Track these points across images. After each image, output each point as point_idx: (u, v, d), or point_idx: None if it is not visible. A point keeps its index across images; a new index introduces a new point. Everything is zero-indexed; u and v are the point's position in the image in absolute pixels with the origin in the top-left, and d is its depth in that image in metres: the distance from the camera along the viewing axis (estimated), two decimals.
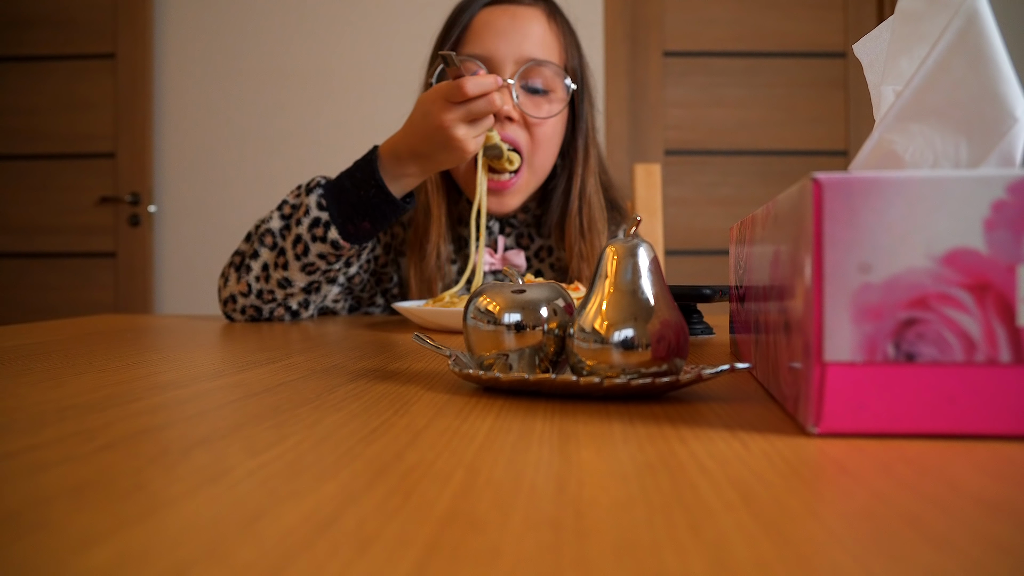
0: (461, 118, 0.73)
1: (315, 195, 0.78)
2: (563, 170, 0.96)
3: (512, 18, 0.87)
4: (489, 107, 0.72)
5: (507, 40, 0.86)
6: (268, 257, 0.80)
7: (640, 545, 0.16)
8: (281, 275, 0.80)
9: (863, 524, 0.17)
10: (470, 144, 0.74)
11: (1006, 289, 0.25)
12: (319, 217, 0.77)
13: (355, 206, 0.78)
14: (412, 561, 0.15)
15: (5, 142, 2.24)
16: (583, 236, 0.93)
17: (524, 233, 0.98)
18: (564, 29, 0.92)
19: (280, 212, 0.81)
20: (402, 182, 0.79)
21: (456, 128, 0.73)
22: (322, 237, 0.77)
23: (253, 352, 0.52)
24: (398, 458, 0.23)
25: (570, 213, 0.93)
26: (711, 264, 2.20)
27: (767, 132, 2.20)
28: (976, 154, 0.29)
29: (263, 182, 2.20)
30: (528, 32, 0.87)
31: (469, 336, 0.37)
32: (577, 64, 0.92)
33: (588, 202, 0.93)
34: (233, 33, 2.22)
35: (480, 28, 0.87)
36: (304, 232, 0.78)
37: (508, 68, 0.86)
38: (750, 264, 0.40)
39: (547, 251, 0.98)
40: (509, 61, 0.86)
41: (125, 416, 0.30)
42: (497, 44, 0.86)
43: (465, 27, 0.88)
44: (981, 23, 0.28)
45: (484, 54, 0.87)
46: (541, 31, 0.88)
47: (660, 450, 0.24)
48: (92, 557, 0.15)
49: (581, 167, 0.94)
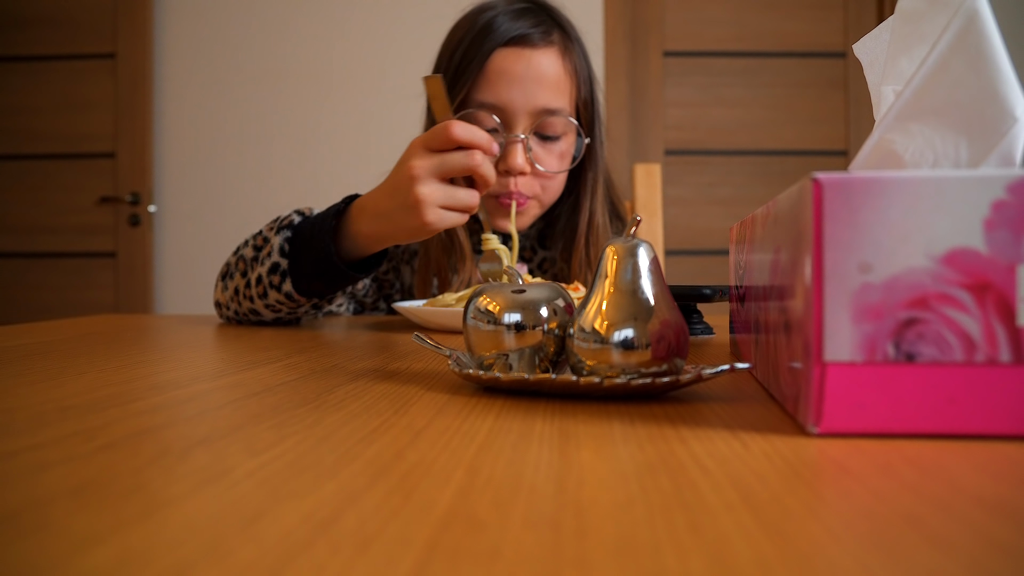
0: (431, 171, 0.61)
1: (281, 237, 0.72)
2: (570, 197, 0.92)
3: (527, 64, 0.82)
4: (466, 163, 0.61)
5: (522, 89, 0.81)
6: (239, 283, 0.76)
7: (640, 545, 0.16)
8: (250, 305, 0.75)
9: (863, 524, 0.17)
10: (429, 212, 0.61)
11: (1006, 289, 0.25)
12: (278, 263, 0.71)
13: (309, 263, 0.69)
14: (412, 561, 0.15)
15: (5, 142, 2.24)
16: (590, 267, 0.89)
17: (526, 246, 0.97)
18: (577, 61, 0.87)
19: (254, 241, 0.75)
20: (357, 243, 0.69)
21: (422, 183, 0.61)
22: (277, 286, 0.71)
23: (253, 352, 0.52)
24: (398, 458, 0.23)
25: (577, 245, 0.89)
26: (711, 264, 2.20)
27: (767, 132, 2.20)
28: (976, 154, 0.29)
29: (263, 182, 2.20)
30: (543, 79, 0.82)
31: (469, 336, 0.37)
32: (588, 93, 0.89)
33: (595, 232, 0.90)
34: (233, 33, 2.22)
35: (494, 76, 0.81)
36: (264, 274, 0.72)
37: (522, 121, 0.82)
38: (750, 264, 0.40)
39: (550, 262, 0.96)
40: (523, 113, 0.82)
41: (125, 416, 0.30)
42: (512, 95, 0.81)
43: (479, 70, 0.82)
44: (981, 23, 0.28)
45: (498, 103, 0.82)
46: (556, 75, 0.83)
47: (660, 450, 0.24)
48: (92, 557, 0.15)
49: (589, 199, 0.90)
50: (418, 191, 0.61)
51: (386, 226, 0.66)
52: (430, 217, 0.61)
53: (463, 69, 0.82)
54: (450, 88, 0.82)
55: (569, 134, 0.86)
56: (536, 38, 0.83)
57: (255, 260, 0.74)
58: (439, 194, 0.62)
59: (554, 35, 0.85)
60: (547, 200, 0.88)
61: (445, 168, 0.61)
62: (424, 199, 0.61)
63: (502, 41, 0.82)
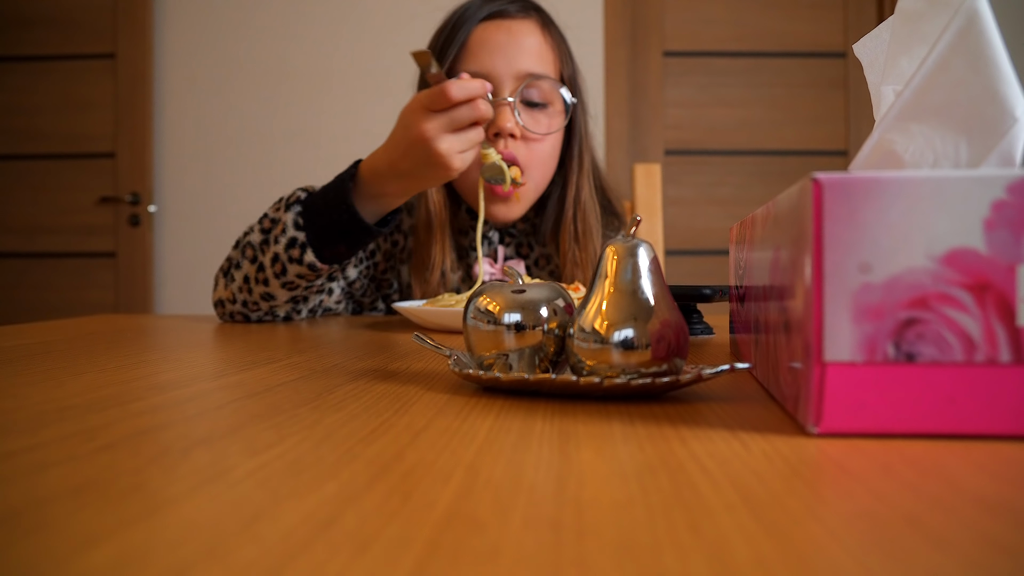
0: (443, 128, 0.67)
1: (293, 212, 0.75)
2: (558, 176, 0.95)
3: (508, 33, 0.86)
4: (474, 114, 0.67)
5: (505, 56, 0.85)
6: (249, 270, 0.78)
7: (640, 545, 0.16)
8: (263, 289, 0.78)
9: (863, 524, 0.17)
10: (455, 160, 0.69)
11: (1006, 289, 0.25)
12: (295, 237, 0.74)
13: (328, 228, 0.74)
14: (412, 561, 0.15)
15: (5, 142, 2.24)
16: (577, 242, 0.92)
17: (523, 243, 0.98)
18: (557, 39, 0.91)
19: (260, 226, 0.78)
20: (381, 202, 0.75)
21: (439, 141, 0.67)
22: (298, 259, 0.74)
23: (253, 352, 0.52)
24: (398, 458, 0.23)
25: (565, 219, 0.93)
26: (711, 264, 2.20)
27: (767, 132, 2.20)
28: (976, 154, 0.29)
29: (263, 182, 2.20)
30: (524, 46, 0.86)
31: (469, 336, 0.37)
32: (571, 73, 0.92)
33: (583, 208, 0.93)
34: (233, 33, 2.22)
35: (477, 46, 0.86)
36: (281, 251, 0.75)
37: (508, 84, 0.86)
38: (750, 264, 0.40)
39: (546, 259, 0.98)
40: (508, 77, 0.85)
41: (125, 416, 0.30)
42: (495, 61, 0.85)
43: (462, 45, 0.87)
44: (981, 23, 0.28)
45: (483, 71, 0.85)
46: (537, 44, 0.88)
47: (660, 450, 0.24)
48: (92, 557, 0.15)
49: (576, 174, 0.93)
50: (438, 148, 0.68)
51: (412, 182, 0.72)
52: (456, 164, 0.69)
53: (447, 49, 0.87)
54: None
55: (556, 103, 0.89)
56: (514, 11, 0.88)
57: (265, 243, 0.77)
58: (456, 144, 0.68)
59: (532, 13, 0.90)
60: (539, 176, 0.90)
61: (455, 124, 0.68)
62: (446, 153, 0.68)
63: (482, 16, 0.87)
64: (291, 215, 0.75)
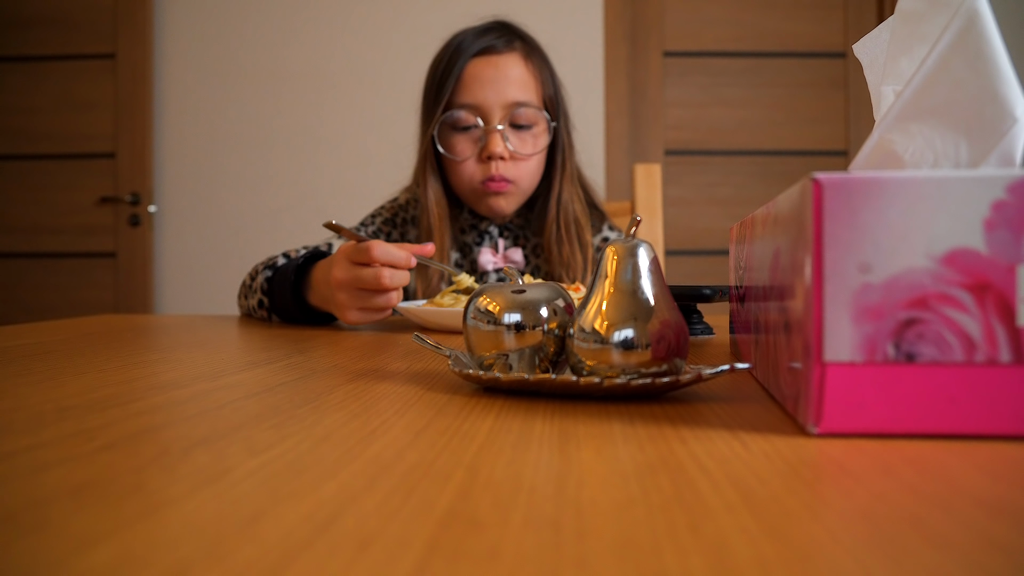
0: (350, 282, 0.71)
1: (263, 277, 0.86)
2: (544, 179, 1.05)
3: (496, 68, 0.98)
4: (375, 282, 0.70)
5: (494, 89, 0.98)
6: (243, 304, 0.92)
7: (640, 545, 0.16)
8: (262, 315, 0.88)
9: (863, 524, 0.17)
10: (348, 313, 0.73)
11: (1006, 289, 0.25)
12: (262, 300, 0.86)
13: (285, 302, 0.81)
14: (412, 561, 0.15)
15: (5, 142, 2.24)
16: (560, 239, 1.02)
17: (520, 234, 1.07)
18: (539, 64, 1.02)
19: (251, 272, 0.90)
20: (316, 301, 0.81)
21: (341, 290, 0.72)
22: (267, 317, 0.86)
23: (253, 352, 0.52)
24: (398, 458, 0.23)
25: (548, 220, 1.03)
26: (711, 264, 2.20)
27: (767, 132, 2.20)
28: (976, 154, 0.29)
29: (263, 182, 2.20)
30: (511, 78, 0.98)
31: (469, 336, 0.37)
32: (552, 91, 1.03)
33: (564, 208, 1.03)
34: (233, 33, 2.21)
35: (469, 81, 0.98)
36: (255, 306, 0.88)
37: (497, 113, 0.97)
38: (750, 264, 0.40)
39: (542, 247, 1.07)
40: (497, 107, 0.97)
41: (125, 416, 0.30)
42: (486, 94, 0.97)
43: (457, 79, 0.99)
44: (981, 23, 0.28)
45: (475, 103, 0.97)
46: (521, 74, 0.99)
47: (660, 450, 0.24)
48: (92, 557, 0.15)
49: (559, 176, 1.04)
50: (338, 297, 0.73)
51: (328, 307, 0.77)
52: (350, 317, 0.73)
53: (444, 82, 0.99)
54: (434, 98, 0.99)
55: (539, 123, 1.01)
56: (500, 46, 1.00)
57: (251, 288, 0.89)
58: (355, 301, 0.73)
59: (516, 44, 1.01)
60: (526, 184, 1.01)
61: (358, 282, 0.71)
62: (343, 304, 0.73)
63: (473, 53, 0.99)
64: (261, 278, 0.86)
